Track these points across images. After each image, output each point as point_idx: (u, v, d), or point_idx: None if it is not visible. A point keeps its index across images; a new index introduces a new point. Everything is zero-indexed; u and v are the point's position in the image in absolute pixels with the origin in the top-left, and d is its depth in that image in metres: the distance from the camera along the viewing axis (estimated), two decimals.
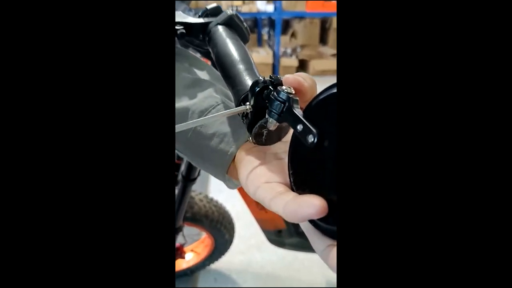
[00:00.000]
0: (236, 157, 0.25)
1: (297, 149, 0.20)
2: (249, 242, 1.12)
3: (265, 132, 0.22)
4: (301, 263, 1.05)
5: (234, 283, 1.01)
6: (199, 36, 0.34)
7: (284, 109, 0.20)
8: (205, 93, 0.29)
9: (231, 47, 0.29)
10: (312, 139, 0.18)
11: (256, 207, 0.79)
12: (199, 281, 1.02)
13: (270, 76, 0.22)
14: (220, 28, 0.32)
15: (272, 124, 0.21)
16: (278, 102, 0.20)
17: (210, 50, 0.32)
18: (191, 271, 1.01)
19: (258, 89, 0.21)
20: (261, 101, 0.21)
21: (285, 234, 0.83)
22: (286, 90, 0.20)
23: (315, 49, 3.19)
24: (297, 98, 0.20)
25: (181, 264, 0.98)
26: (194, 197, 0.86)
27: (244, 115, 0.23)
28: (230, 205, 0.99)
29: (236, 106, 0.24)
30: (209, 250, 0.95)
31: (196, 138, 0.27)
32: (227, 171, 0.26)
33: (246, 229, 1.13)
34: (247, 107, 0.22)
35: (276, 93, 0.20)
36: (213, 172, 0.27)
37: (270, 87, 0.21)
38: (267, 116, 0.21)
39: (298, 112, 0.19)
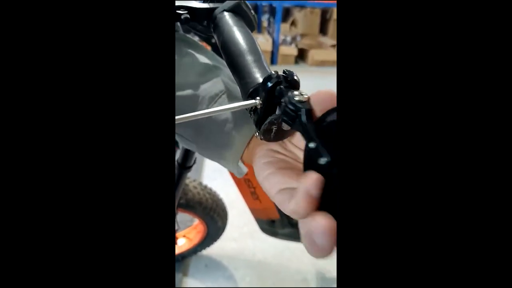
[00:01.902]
0: (252, 145, 0.24)
1: (310, 163, 0.19)
2: (241, 230, 1.13)
3: (274, 128, 0.21)
4: (292, 252, 1.07)
5: (225, 269, 1.02)
6: (203, 22, 0.33)
7: (297, 120, 0.19)
8: (214, 80, 0.28)
9: (239, 36, 0.28)
10: (324, 163, 0.17)
11: (250, 197, 0.79)
12: (190, 267, 1.02)
13: (284, 71, 0.21)
14: (227, 14, 0.31)
15: (285, 125, 0.20)
16: (290, 110, 0.19)
17: (215, 37, 0.31)
18: (182, 257, 1.01)
19: (271, 85, 0.20)
20: (273, 97, 0.20)
21: (278, 224, 0.84)
22: (297, 98, 0.19)
23: (315, 38, 3.15)
24: (310, 108, 0.19)
25: None
26: (188, 184, 0.86)
27: (252, 109, 0.22)
28: (224, 193, 0.99)
29: (244, 100, 0.23)
30: (201, 236, 0.95)
31: (208, 123, 0.26)
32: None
33: (240, 217, 1.14)
34: (257, 102, 0.21)
35: (289, 99, 0.19)
36: (225, 158, 0.26)
37: (283, 84, 0.20)
38: (277, 112, 0.20)
39: (310, 126, 0.18)
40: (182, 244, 1.00)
